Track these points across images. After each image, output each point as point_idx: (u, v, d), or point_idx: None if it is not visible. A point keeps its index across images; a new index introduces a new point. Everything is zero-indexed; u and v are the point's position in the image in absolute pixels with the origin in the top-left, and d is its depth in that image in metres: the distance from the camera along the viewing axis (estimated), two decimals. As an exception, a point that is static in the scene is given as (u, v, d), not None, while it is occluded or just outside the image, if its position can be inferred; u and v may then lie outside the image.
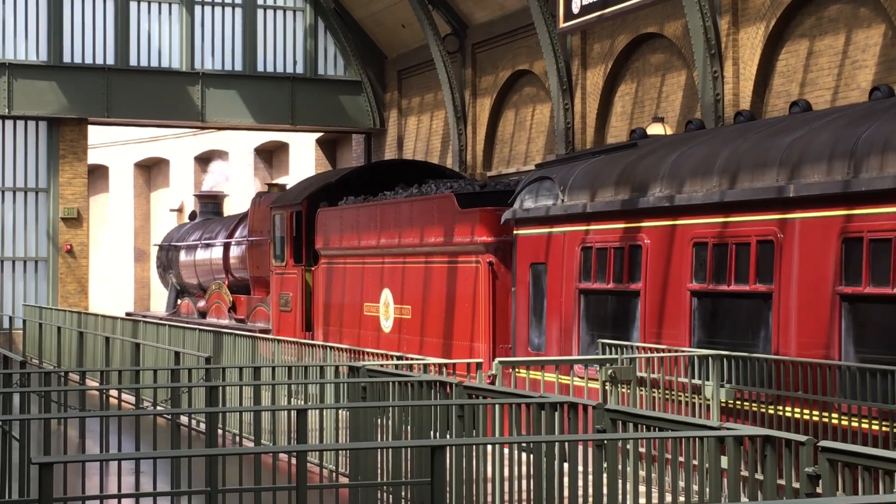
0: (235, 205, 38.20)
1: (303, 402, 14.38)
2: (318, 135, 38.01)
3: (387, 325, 20.49)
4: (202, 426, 13.99)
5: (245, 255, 27.54)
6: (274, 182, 29.58)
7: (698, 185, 13.63)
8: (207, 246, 30.06)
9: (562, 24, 23.65)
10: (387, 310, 20.49)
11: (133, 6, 32.63)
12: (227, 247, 28.93)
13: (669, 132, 20.46)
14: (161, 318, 27.47)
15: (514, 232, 16.88)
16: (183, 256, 31.53)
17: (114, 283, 48.65)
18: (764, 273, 12.48)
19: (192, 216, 34.16)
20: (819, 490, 6.48)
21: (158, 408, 14.52)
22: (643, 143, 16.22)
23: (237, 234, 28.57)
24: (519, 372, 13.23)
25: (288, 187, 28.00)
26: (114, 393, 13.86)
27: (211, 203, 33.52)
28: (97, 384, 16.90)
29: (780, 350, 12.03)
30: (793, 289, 12.06)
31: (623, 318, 14.69)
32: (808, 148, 12.29)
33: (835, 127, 12.31)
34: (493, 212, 17.76)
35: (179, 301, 31.95)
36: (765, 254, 12.49)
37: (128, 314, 32.26)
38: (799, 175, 12.17)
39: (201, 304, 29.68)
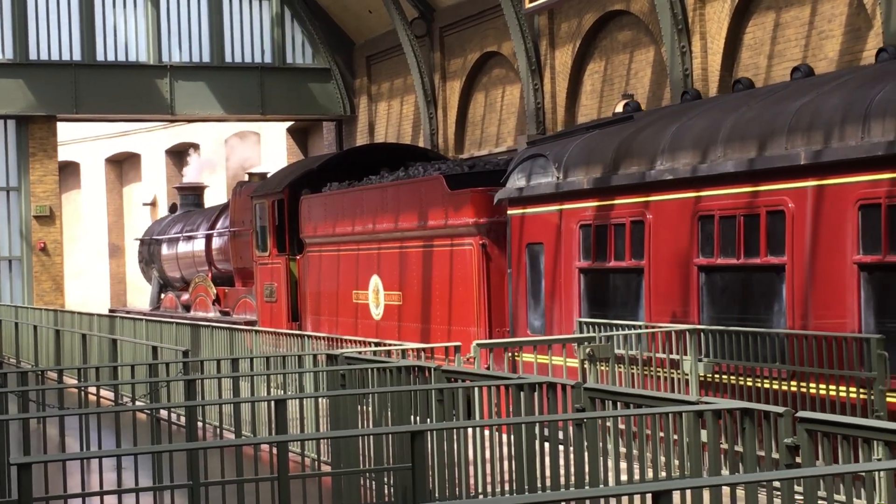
0: (210, 197, 38.08)
1: (282, 392, 14.36)
2: (289, 123, 37.92)
3: (377, 313, 20.23)
4: (182, 420, 13.95)
5: (227, 247, 27.40)
6: (252, 171, 29.44)
7: (702, 156, 13.15)
8: (189, 238, 29.93)
9: (528, 5, 23.63)
10: (377, 297, 20.25)
11: (98, 1, 32.46)
12: (209, 238, 28.80)
13: (642, 109, 20.43)
14: (141, 314, 27.39)
15: (508, 212, 16.47)
16: (165, 250, 31.41)
17: (89, 280, 48.48)
18: (776, 245, 12.06)
19: (173, 209, 34.03)
20: (798, 460, 6.51)
21: (138, 403, 14.49)
22: (639, 116, 15.77)
23: (219, 225, 28.42)
24: (518, 356, 12.95)
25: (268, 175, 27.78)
26: (92, 390, 13.81)
27: (191, 195, 33.39)
28: (75, 382, 16.84)
29: (794, 324, 11.69)
30: (806, 260, 11.68)
31: (627, 297, 14.29)
32: (818, 113, 11.82)
33: (844, 90, 11.82)
34: (484, 192, 17.39)
35: (163, 295, 31.84)
36: (776, 225, 12.07)
37: (111, 311, 32.12)
38: (809, 142, 11.72)
39: (185, 297, 29.58)
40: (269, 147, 40.58)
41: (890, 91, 11.09)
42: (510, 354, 13.08)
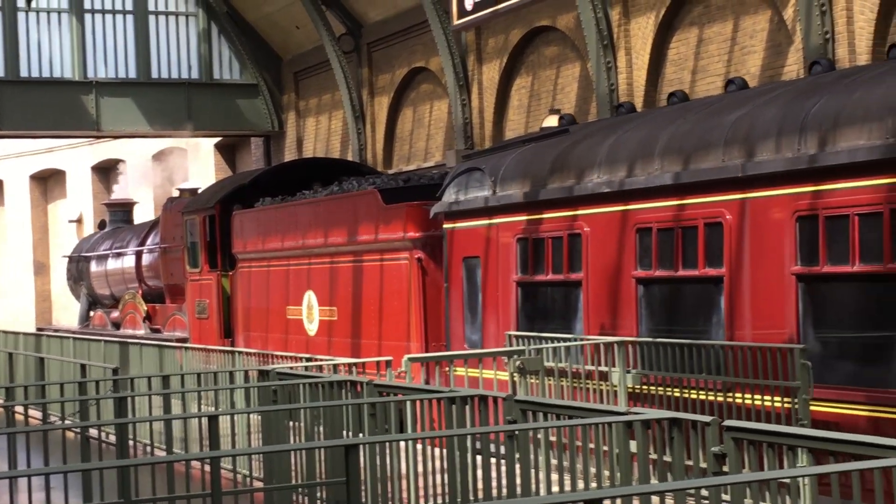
0: (137, 213, 37.78)
1: (213, 409, 14.32)
2: (217, 139, 37.76)
3: (311, 328, 20.10)
4: (112, 438, 13.87)
5: (158, 263, 27.19)
6: (184, 187, 29.19)
7: (639, 168, 13.15)
8: (119, 255, 29.65)
9: (455, 22, 23.77)
10: (311, 312, 20.13)
11: (21, 16, 32.14)
12: (139, 255, 28.54)
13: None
14: (68, 332, 27.10)
15: (444, 226, 16.40)
16: (94, 267, 31.09)
17: (14, 298, 47.88)
18: (713, 257, 12.08)
19: (102, 225, 33.71)
20: (725, 468, 6.64)
21: (66, 422, 14.38)
22: (574, 129, 15.75)
23: (149, 241, 28.18)
24: (457, 370, 12.92)
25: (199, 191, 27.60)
26: (20, 409, 13.70)
27: (120, 211, 33.07)
28: (2, 401, 16.66)
29: (733, 336, 11.73)
30: (744, 272, 11.73)
31: (565, 310, 14.25)
32: (754, 125, 11.88)
33: (780, 102, 11.92)
34: (419, 206, 17.32)
35: (92, 313, 31.52)
36: (713, 237, 12.09)
37: (39, 329, 31.75)
38: (746, 154, 11.77)
39: (115, 314, 29.30)
40: (197, 163, 40.38)
41: (825, 103, 11.19)
42: (446, 369, 13.11)
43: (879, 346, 10.49)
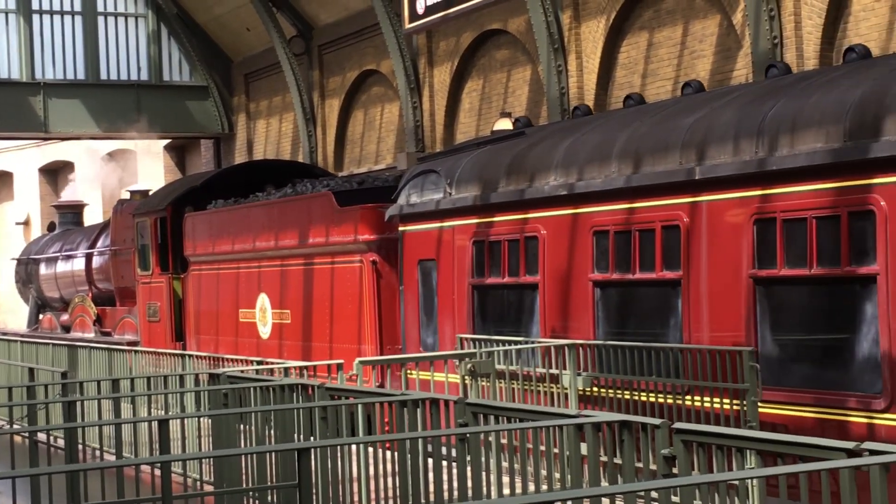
0: (86, 215, 37.54)
1: (163, 413, 14.25)
2: (166, 141, 37.58)
3: (265, 332, 19.97)
4: (61, 442, 13.77)
5: (108, 266, 26.99)
6: (135, 189, 28.98)
7: (596, 171, 13.07)
8: (68, 258, 29.41)
9: (407, 25, 23.78)
10: (264, 315, 20.00)
11: (-32, 17, 31.85)
12: (89, 258, 28.32)
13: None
14: (15, 335, 26.84)
15: (400, 228, 16.27)
16: (43, 269, 30.82)
17: (-40, 301, 47.41)
18: (671, 260, 12.04)
19: (51, 227, 33.42)
20: (675, 470, 6.69)
21: (14, 426, 14.25)
22: (531, 132, 15.65)
23: (99, 243, 27.96)
24: (411, 373, 12.88)
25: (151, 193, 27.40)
26: (-33, 413, 13.57)
27: (70, 213, 32.79)
28: (-51, 405, 16.50)
29: (691, 339, 11.71)
30: (702, 274, 11.70)
31: (521, 314, 14.15)
32: (712, 128, 11.85)
33: (737, 105, 11.89)
34: (374, 209, 17.22)
35: (41, 316, 31.25)
36: (671, 240, 12.05)
37: None
38: (704, 156, 11.76)
39: (64, 317, 29.05)
40: (147, 165, 40.15)
41: (782, 107, 11.19)
42: (400, 372, 13.09)
43: (833, 348, 10.57)
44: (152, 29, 33.38)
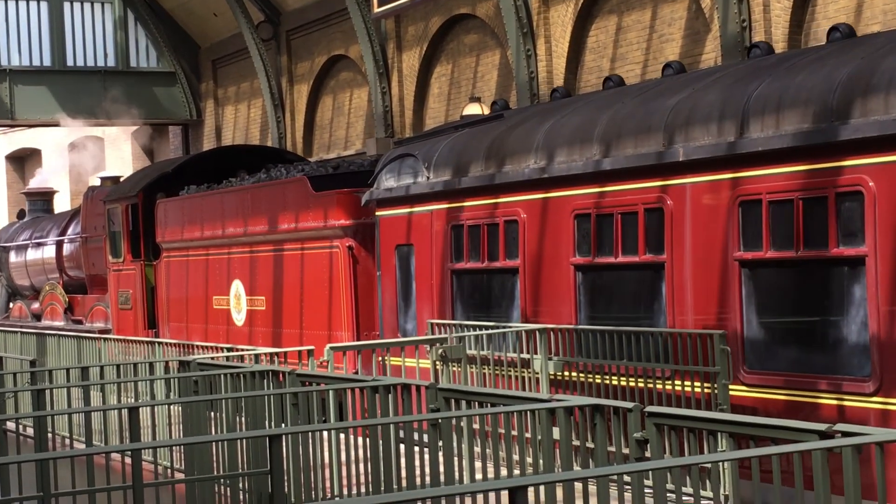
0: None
1: (133, 400, 14.19)
2: (134, 128, 37.39)
3: (239, 319, 19.80)
4: (30, 431, 13.69)
5: (79, 253, 26.80)
6: (107, 175, 28.75)
7: (577, 153, 12.86)
8: (39, 245, 29.19)
9: (376, 10, 23.72)
10: (238, 302, 19.82)
11: (-68, 3, 31.58)
12: (59, 245, 28.11)
13: (487, 111, 20.68)
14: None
15: (377, 213, 16.07)
16: (13, 257, 30.59)
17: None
18: (655, 243, 11.87)
19: (21, 215, 33.19)
20: (648, 454, 6.70)
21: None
22: (509, 115, 15.43)
23: (70, 231, 27.76)
24: (394, 360, 12.78)
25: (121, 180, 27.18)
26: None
27: (40, 200, 32.51)
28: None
29: (675, 323, 11.58)
30: (686, 257, 11.55)
31: (501, 298, 13.96)
32: (695, 109, 11.67)
33: (721, 86, 11.71)
34: (350, 193, 17.04)
35: (11, 304, 31.03)
36: (654, 223, 11.87)
37: None
38: (687, 138, 11.59)
39: (35, 306, 28.86)
40: (114, 152, 39.93)
41: (767, 86, 11.06)
42: (381, 358, 13.00)
43: (820, 332, 10.46)
44: (119, 15, 33.17)
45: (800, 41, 16.93)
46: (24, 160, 44.43)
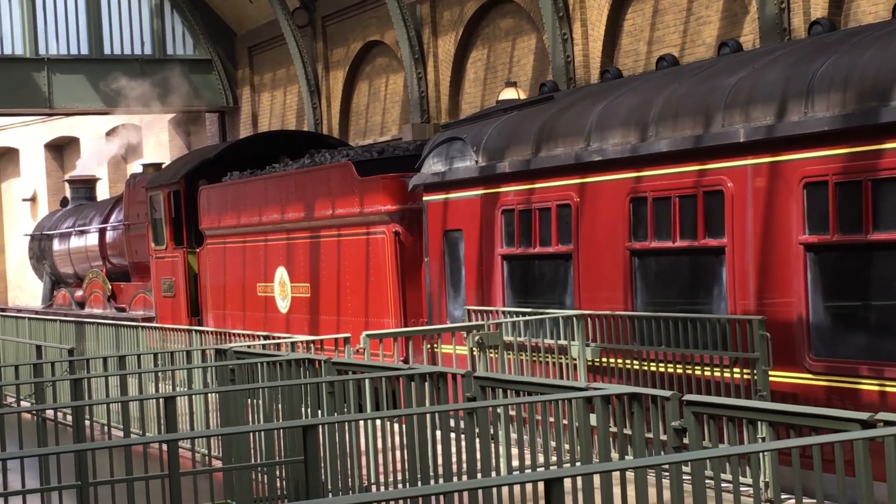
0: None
1: (171, 389, 14.22)
2: (171, 116, 37.49)
3: (283, 306, 19.63)
4: (69, 419, 13.75)
5: (122, 241, 26.84)
6: (148, 163, 28.79)
7: (632, 135, 12.48)
8: (82, 233, 29.29)
9: (410, -6, 23.64)
10: (283, 289, 19.64)
11: (-30, -7, 31.75)
12: (102, 232, 28.19)
13: (523, 96, 20.57)
14: (30, 312, 26.77)
15: (424, 198, 15.79)
16: (56, 245, 30.73)
17: (-32, 278, 47.43)
18: (715, 227, 11.57)
19: (64, 202, 33.33)
20: (686, 442, 6.63)
21: (23, 404, 14.24)
22: (559, 97, 15.07)
23: (112, 218, 27.82)
24: (445, 348, 12.56)
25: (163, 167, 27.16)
26: (-25, 391, 13.55)
27: (83, 188, 32.63)
28: (-43, 383, 16.49)
29: (737, 309, 11.27)
30: (748, 242, 11.22)
31: (554, 285, 13.67)
32: (756, 87, 11.24)
33: (783, 64, 11.30)
34: (396, 178, 16.73)
35: (55, 292, 31.19)
36: (714, 206, 11.56)
37: (1, 310, 31.29)
38: (748, 118, 11.19)
39: (78, 293, 28.98)
40: (152, 139, 40.07)
41: (832, 64, 10.65)
42: (429, 346, 12.88)
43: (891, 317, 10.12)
44: (155, 3, 33.24)
45: (839, 23, 16.73)
46: (62, 148, 44.62)
